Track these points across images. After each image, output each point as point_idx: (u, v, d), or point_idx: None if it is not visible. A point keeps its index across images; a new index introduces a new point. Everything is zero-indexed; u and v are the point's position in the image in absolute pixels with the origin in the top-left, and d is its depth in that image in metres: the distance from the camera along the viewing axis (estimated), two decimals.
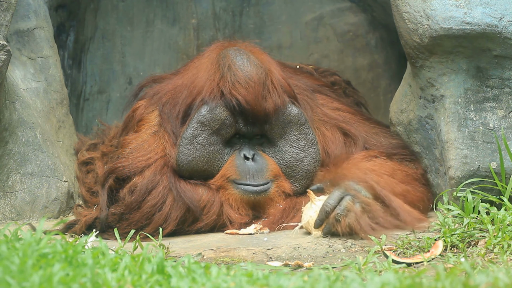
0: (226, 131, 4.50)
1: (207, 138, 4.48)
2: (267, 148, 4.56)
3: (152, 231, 4.29)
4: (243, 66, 4.47)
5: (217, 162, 4.49)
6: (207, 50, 4.76)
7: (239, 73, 4.45)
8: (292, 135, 4.55)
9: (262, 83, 4.45)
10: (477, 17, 4.14)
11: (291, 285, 2.89)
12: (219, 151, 4.50)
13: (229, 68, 4.46)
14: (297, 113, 4.55)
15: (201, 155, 4.47)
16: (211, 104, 4.47)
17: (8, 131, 4.60)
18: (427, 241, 3.96)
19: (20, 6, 4.80)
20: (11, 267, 2.80)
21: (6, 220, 4.54)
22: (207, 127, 4.47)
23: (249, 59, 4.50)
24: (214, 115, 4.46)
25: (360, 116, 4.89)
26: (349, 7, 6.01)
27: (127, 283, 2.88)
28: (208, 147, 4.48)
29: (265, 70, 4.49)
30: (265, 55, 4.64)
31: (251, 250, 4.04)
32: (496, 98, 4.28)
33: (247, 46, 4.68)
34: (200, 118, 4.47)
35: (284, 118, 4.53)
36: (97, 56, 6.00)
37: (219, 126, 4.47)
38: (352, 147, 4.68)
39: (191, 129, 4.48)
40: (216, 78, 4.49)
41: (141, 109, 4.72)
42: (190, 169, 4.46)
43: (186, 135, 4.47)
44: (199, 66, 4.63)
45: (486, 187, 4.24)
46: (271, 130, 4.54)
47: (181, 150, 4.46)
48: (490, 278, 2.84)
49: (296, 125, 4.55)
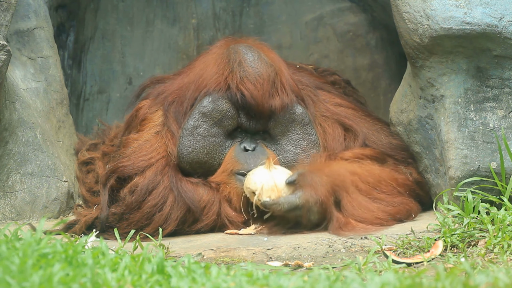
0: (228, 123, 4.49)
1: (207, 129, 4.47)
2: (269, 143, 4.55)
3: (152, 231, 4.29)
4: (254, 63, 4.48)
5: (218, 154, 4.48)
6: (214, 46, 4.76)
7: (249, 69, 4.45)
8: (295, 134, 4.55)
9: (272, 81, 4.46)
10: (477, 17, 4.14)
11: (291, 285, 2.89)
12: (220, 143, 4.49)
13: (239, 64, 4.46)
14: (302, 112, 4.55)
15: (202, 146, 4.46)
16: (214, 95, 4.46)
17: (8, 131, 4.60)
18: (427, 241, 3.96)
19: (20, 6, 4.80)
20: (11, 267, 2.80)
21: (6, 220, 4.54)
22: (208, 118, 4.47)
23: (260, 56, 4.50)
24: (215, 106, 4.46)
25: (362, 112, 4.89)
26: (349, 7, 6.01)
27: (127, 283, 2.88)
28: (208, 138, 4.47)
29: (275, 69, 4.50)
30: (274, 54, 4.65)
31: (251, 250, 4.04)
32: (496, 98, 4.28)
33: (256, 43, 4.68)
34: (202, 109, 4.47)
35: (289, 117, 4.53)
36: (97, 56, 6.00)
37: (220, 117, 4.47)
38: (352, 142, 4.67)
39: (192, 120, 4.48)
40: (225, 72, 4.49)
41: (145, 108, 4.71)
42: (190, 160, 4.45)
43: (187, 126, 4.47)
44: (207, 62, 4.63)
45: (486, 187, 4.23)
46: (274, 127, 4.53)
47: (182, 142, 4.46)
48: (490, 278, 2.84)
49: (300, 124, 4.55)
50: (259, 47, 4.63)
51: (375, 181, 4.44)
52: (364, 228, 4.22)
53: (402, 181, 4.53)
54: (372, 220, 4.29)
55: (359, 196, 4.35)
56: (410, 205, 4.47)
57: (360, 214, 4.29)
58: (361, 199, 4.34)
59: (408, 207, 4.45)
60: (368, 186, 4.41)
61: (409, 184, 4.55)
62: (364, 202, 4.33)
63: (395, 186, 4.48)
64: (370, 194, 4.39)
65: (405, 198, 4.47)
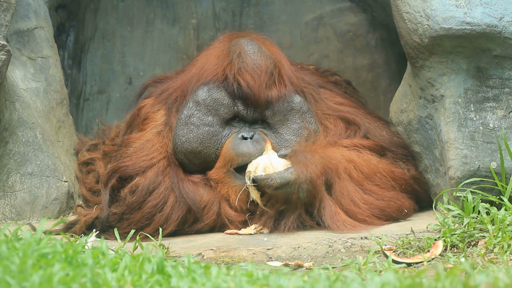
0: (224, 111, 4.48)
1: (201, 118, 4.46)
2: (268, 132, 4.54)
3: (153, 231, 4.29)
4: (254, 54, 4.48)
5: (213, 143, 4.46)
6: (217, 40, 4.77)
7: (248, 60, 4.46)
8: (294, 123, 4.54)
9: (270, 72, 4.46)
10: (477, 17, 4.14)
11: (291, 285, 2.89)
12: (215, 132, 4.47)
13: (238, 55, 4.47)
14: (300, 101, 4.55)
15: (195, 136, 4.45)
16: (209, 85, 4.47)
17: (8, 131, 4.60)
18: (427, 241, 3.96)
19: (20, 6, 4.80)
20: (11, 267, 2.80)
21: (6, 220, 4.54)
22: (201, 106, 4.46)
23: (260, 48, 4.51)
24: (210, 95, 4.46)
25: (364, 110, 4.89)
26: (349, 7, 6.01)
27: (127, 283, 2.88)
28: (202, 127, 4.46)
29: (275, 61, 4.50)
30: (275, 48, 4.66)
31: (251, 250, 4.04)
32: (496, 98, 4.28)
33: (258, 37, 4.68)
34: (196, 98, 4.47)
35: (287, 105, 4.52)
36: (97, 56, 6.00)
37: (215, 105, 4.45)
38: (353, 134, 4.66)
39: (186, 110, 4.47)
40: (224, 63, 4.50)
41: (147, 107, 4.70)
42: (184, 150, 4.44)
43: (181, 116, 4.47)
44: (209, 55, 4.64)
45: (486, 187, 4.24)
46: (273, 116, 4.52)
47: (176, 132, 4.45)
48: (490, 278, 2.84)
49: (298, 112, 4.54)
50: (261, 40, 4.63)
51: (370, 172, 4.44)
52: (352, 224, 4.23)
53: (398, 174, 4.52)
54: (358, 214, 4.29)
55: (350, 184, 4.35)
56: (402, 200, 4.46)
57: (348, 205, 4.29)
58: (351, 188, 4.34)
59: (399, 202, 4.44)
60: (362, 176, 4.40)
61: (405, 178, 4.54)
62: (353, 192, 4.33)
63: (389, 180, 4.47)
64: (362, 184, 4.38)
65: (396, 193, 4.46)
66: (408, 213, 4.45)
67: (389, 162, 4.57)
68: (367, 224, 4.27)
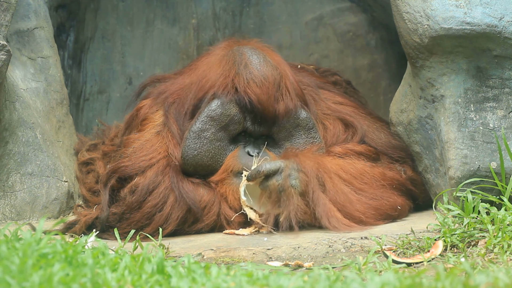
0: (234, 127, 4.50)
1: (214, 133, 4.48)
2: (273, 148, 4.56)
3: (153, 231, 4.29)
4: (260, 65, 4.48)
5: (221, 157, 4.49)
6: (216, 47, 4.76)
7: (255, 72, 4.45)
8: (299, 139, 4.56)
9: (277, 84, 4.47)
10: (477, 17, 4.14)
11: (291, 285, 2.89)
12: (224, 147, 4.50)
13: (245, 66, 4.46)
14: (306, 117, 4.55)
15: (207, 150, 4.47)
16: (223, 99, 4.47)
17: (8, 131, 4.60)
18: (427, 241, 3.96)
19: (20, 6, 4.80)
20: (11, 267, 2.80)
21: (6, 220, 4.54)
22: (216, 122, 4.47)
23: (265, 59, 4.51)
24: (224, 110, 4.46)
25: (363, 110, 4.90)
26: (349, 7, 6.01)
27: (127, 283, 2.88)
28: (214, 142, 4.48)
29: (281, 72, 4.51)
30: (278, 56, 4.66)
31: (251, 250, 4.04)
32: (496, 98, 4.28)
33: (259, 45, 4.68)
34: (210, 113, 4.47)
35: (293, 122, 4.53)
36: (97, 56, 6.00)
37: (227, 122, 4.47)
38: (350, 138, 4.67)
39: (200, 123, 4.47)
40: (231, 74, 4.49)
41: (146, 108, 4.71)
42: (194, 163, 4.46)
43: (194, 128, 4.47)
44: (210, 63, 4.63)
45: (486, 187, 4.24)
46: (278, 132, 4.54)
47: (188, 144, 4.46)
48: (490, 278, 2.84)
49: (304, 128, 4.56)
50: (263, 49, 4.63)
51: (357, 172, 4.45)
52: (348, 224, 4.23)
53: (390, 175, 4.53)
54: (353, 212, 4.30)
55: (341, 184, 4.35)
56: (394, 197, 4.46)
57: (343, 202, 4.29)
58: (343, 186, 4.35)
59: (391, 200, 4.45)
60: (350, 176, 4.41)
61: (398, 179, 4.54)
62: (346, 191, 4.34)
63: (379, 179, 4.48)
64: (352, 184, 4.39)
65: (387, 191, 4.46)
66: (402, 210, 4.46)
67: (384, 166, 4.58)
68: (363, 225, 4.27)
